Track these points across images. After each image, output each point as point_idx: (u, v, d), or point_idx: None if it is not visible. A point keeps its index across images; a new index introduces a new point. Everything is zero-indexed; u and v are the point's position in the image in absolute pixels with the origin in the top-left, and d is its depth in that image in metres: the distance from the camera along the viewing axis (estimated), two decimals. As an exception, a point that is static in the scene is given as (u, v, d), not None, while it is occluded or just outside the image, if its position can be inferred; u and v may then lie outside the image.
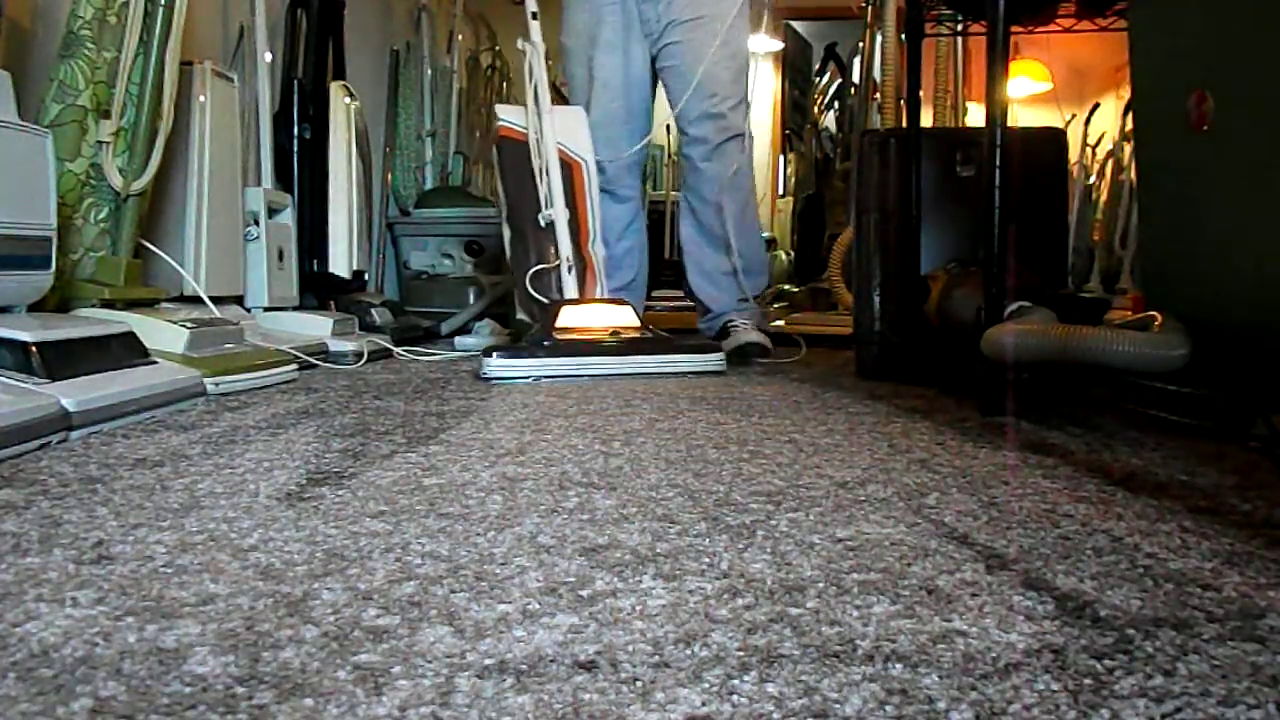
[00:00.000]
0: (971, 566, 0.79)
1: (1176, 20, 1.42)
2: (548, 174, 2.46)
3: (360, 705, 0.53)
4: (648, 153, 3.00)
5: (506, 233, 2.56)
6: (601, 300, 2.49)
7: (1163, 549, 0.85)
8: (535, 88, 2.45)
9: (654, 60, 2.79)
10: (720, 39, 2.65)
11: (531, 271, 2.47)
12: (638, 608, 0.69)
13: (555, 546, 0.84)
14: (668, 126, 3.04)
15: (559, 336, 2.25)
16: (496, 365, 2.13)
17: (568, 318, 2.32)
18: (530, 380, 2.10)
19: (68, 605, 0.68)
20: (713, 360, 2.31)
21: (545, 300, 2.45)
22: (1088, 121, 5.70)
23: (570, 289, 2.44)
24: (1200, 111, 1.31)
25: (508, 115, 2.58)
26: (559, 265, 2.45)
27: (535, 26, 2.48)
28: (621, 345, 2.26)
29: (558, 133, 2.48)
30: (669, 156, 5.96)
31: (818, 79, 5.26)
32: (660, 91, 2.89)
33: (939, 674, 0.58)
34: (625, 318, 2.37)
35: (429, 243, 4.01)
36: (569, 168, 2.53)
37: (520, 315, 2.58)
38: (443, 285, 3.77)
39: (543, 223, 2.47)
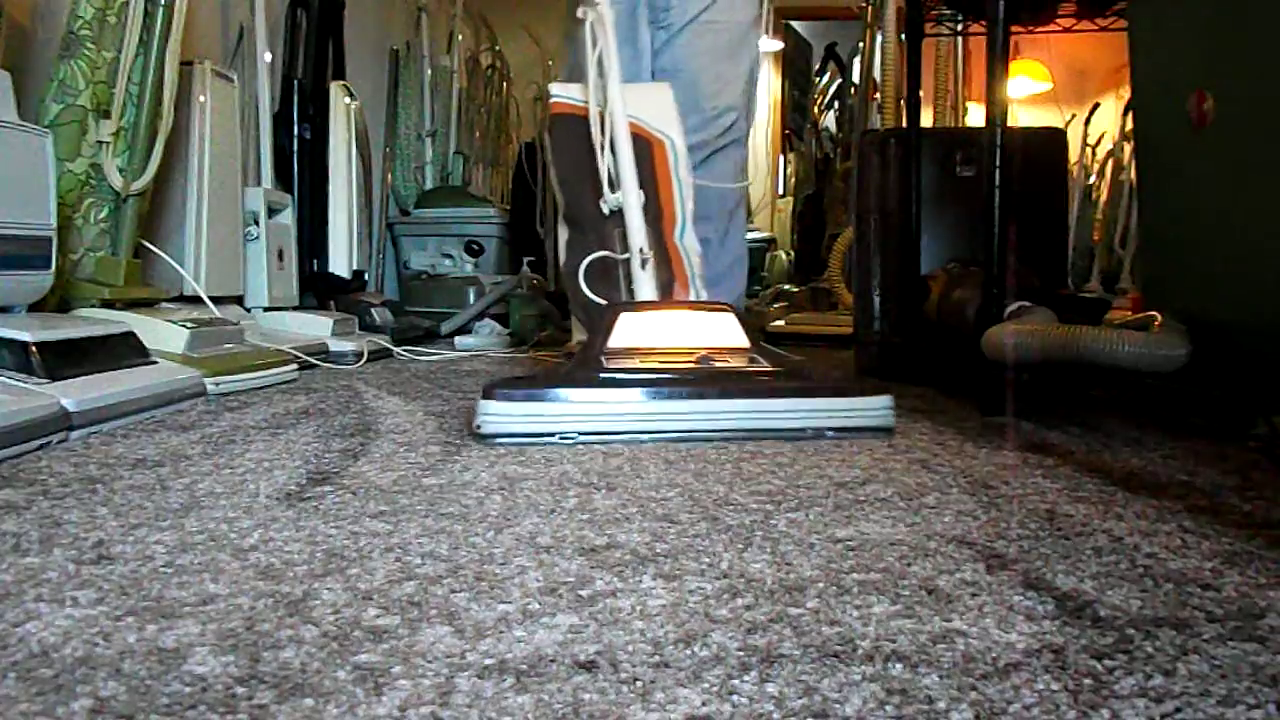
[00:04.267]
0: (971, 566, 0.79)
1: (1176, 20, 1.43)
2: (614, 149, 1.89)
3: (360, 705, 0.53)
4: None
5: (563, 233, 1.99)
6: (686, 304, 1.79)
7: (1163, 549, 0.85)
8: (600, 55, 1.94)
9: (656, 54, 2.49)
10: (726, 39, 2.41)
11: (586, 262, 1.84)
12: (638, 608, 0.69)
13: (555, 546, 0.84)
14: None
15: (613, 362, 1.48)
16: (498, 416, 1.36)
17: (629, 330, 1.56)
18: (557, 441, 1.35)
19: (68, 605, 0.68)
20: (876, 409, 1.45)
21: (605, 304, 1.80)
22: (1088, 121, 5.70)
23: (646, 288, 1.78)
24: (1200, 111, 1.31)
25: (563, 91, 2.04)
26: (628, 259, 1.82)
27: None
28: (718, 380, 1.46)
29: (633, 107, 1.95)
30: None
31: (818, 79, 5.26)
32: None
33: (939, 674, 0.58)
34: (725, 332, 1.58)
35: (429, 243, 4.02)
36: (647, 144, 1.99)
37: (576, 336, 2.02)
38: (443, 285, 3.77)
39: (606, 210, 1.87)
